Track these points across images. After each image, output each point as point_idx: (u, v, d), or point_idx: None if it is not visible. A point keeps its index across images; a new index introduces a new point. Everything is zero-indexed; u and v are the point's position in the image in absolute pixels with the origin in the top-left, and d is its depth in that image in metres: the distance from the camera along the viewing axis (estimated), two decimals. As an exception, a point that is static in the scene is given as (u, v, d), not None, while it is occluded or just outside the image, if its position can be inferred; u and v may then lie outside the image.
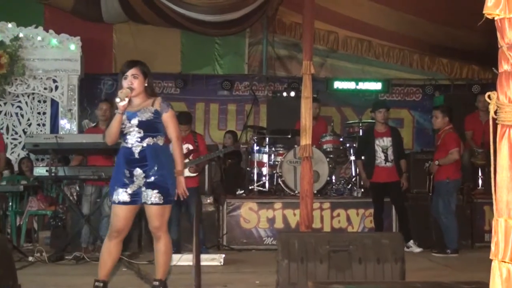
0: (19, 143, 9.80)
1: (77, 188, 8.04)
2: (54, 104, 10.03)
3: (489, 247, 2.14)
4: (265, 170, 8.71)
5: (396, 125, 10.36)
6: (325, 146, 8.69)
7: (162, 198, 4.37)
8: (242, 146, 8.37)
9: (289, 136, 8.86)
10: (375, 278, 4.16)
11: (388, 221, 8.11)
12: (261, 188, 8.63)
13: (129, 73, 4.44)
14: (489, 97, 2.15)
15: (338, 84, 11.69)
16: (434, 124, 7.85)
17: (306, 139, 5.94)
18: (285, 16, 12.01)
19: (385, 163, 7.84)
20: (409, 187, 8.28)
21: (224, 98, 11.89)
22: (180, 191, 4.47)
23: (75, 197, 7.96)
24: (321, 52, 11.81)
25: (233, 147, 8.29)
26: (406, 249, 6.77)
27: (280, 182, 8.47)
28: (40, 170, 6.88)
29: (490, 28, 2.18)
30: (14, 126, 10.00)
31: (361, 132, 9.00)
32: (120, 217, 4.40)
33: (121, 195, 4.37)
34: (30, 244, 8.17)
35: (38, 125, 10.07)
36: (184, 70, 11.82)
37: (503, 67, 2.11)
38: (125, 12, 10.83)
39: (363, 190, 8.46)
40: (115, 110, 4.36)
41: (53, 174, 6.66)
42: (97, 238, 7.01)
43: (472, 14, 2.98)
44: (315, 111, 8.97)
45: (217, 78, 11.89)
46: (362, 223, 8.23)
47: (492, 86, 2.17)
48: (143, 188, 4.37)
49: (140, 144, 4.38)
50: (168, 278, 4.78)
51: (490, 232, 6.86)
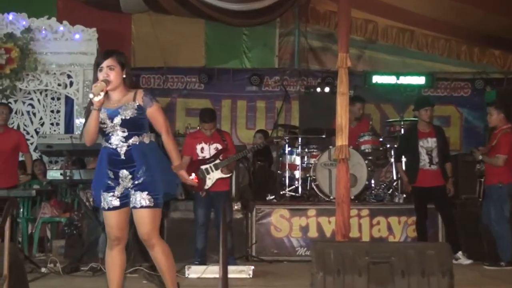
0: (31, 144, 9.87)
1: (94, 193, 8.12)
2: (69, 102, 10.13)
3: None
4: (298, 174, 8.70)
5: (442, 124, 10.29)
6: (363, 147, 8.65)
7: (153, 201, 4.33)
8: (275, 140, 8.35)
9: (324, 136, 8.84)
10: (420, 293, 4.13)
11: (434, 230, 8.05)
12: (293, 193, 8.62)
13: (105, 64, 4.36)
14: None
15: (377, 79, 11.64)
16: (489, 122, 7.80)
17: (342, 139, 5.92)
18: (319, 4, 11.98)
19: (430, 166, 7.79)
20: (457, 193, 8.20)
21: (253, 95, 11.91)
22: (189, 183, 4.45)
23: (92, 203, 8.04)
24: (359, 43, 11.75)
25: (265, 142, 8.30)
26: (454, 261, 6.70)
27: (314, 187, 8.46)
28: (54, 174, 6.96)
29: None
30: (26, 126, 10.11)
31: (403, 131, 8.93)
32: (114, 224, 4.41)
33: (110, 200, 4.38)
34: (43, 254, 8.26)
35: (52, 125, 10.19)
36: (209, 64, 11.86)
37: None
38: (145, 1, 10.91)
39: (406, 196, 8.40)
40: (91, 107, 4.29)
41: (68, 178, 6.75)
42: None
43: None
44: (358, 112, 8.98)
45: (245, 73, 11.91)
46: (405, 232, 8.17)
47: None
48: (132, 191, 4.35)
49: (125, 144, 4.36)
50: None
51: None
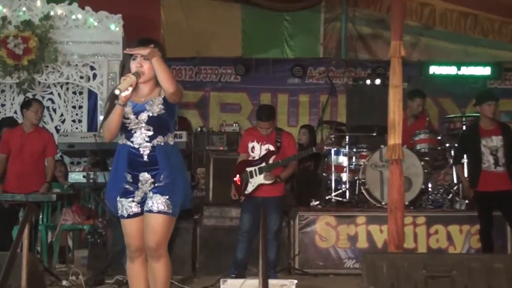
0: (55, 144, 10.01)
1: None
2: (92, 96, 10.24)
3: None
4: (345, 176, 8.67)
5: (510, 120, 10.13)
6: (419, 146, 8.57)
7: (171, 207, 4.33)
8: (327, 148, 7.94)
9: (374, 134, 8.80)
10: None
11: (501, 241, 7.95)
12: (340, 198, 8.59)
13: (129, 52, 4.36)
14: None
15: (435, 69, 11.55)
16: None
17: (395, 138, 5.88)
18: (369, -14, 11.96)
19: (495, 168, 7.66)
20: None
21: (295, 88, 11.91)
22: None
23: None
24: (414, 30, 11.67)
25: (315, 149, 7.77)
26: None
27: (364, 191, 8.42)
28: (76, 176, 7.06)
29: None
30: (45, 123, 10.20)
31: (464, 129, 8.82)
32: (135, 233, 4.41)
33: (129, 207, 4.39)
34: (64, 265, 8.35)
35: (73, 122, 10.32)
36: (246, 54, 11.90)
37: None
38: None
39: (468, 202, 8.30)
40: (115, 101, 4.27)
41: (92, 181, 6.82)
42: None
43: None
44: (418, 109, 8.92)
45: (286, 63, 11.92)
46: (467, 243, 8.08)
47: None
48: (150, 194, 4.35)
49: (149, 144, 4.36)
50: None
51: None
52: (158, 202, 4.31)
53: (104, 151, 7.03)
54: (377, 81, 10.85)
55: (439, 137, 8.84)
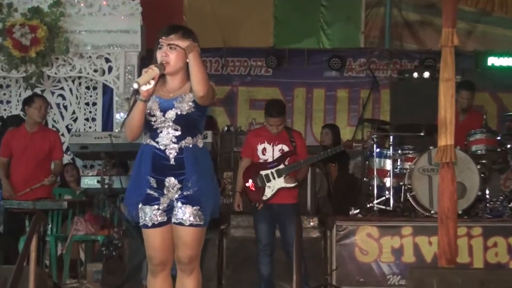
0: (62, 144, 10.07)
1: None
2: (107, 92, 10.26)
3: None
4: (389, 182, 8.60)
5: None
6: (475, 148, 8.49)
7: (203, 218, 4.34)
8: (355, 145, 8.19)
9: (422, 134, 8.73)
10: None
11: None
12: (383, 207, 8.53)
13: (165, 42, 4.30)
14: None
15: (494, 60, 11.50)
16: None
17: (447, 138, 5.87)
18: (417, -34, 11.93)
19: (562, 172, 7.60)
20: None
21: (332, 81, 11.92)
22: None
23: (131, 217, 8.14)
24: (469, 16, 11.59)
25: (342, 147, 8.06)
26: None
27: (410, 198, 8.36)
28: (90, 181, 7.09)
29: None
30: (55, 122, 10.28)
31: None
32: (159, 245, 4.41)
33: (154, 215, 4.37)
34: (75, 281, 8.38)
35: (87, 120, 10.35)
36: (278, 44, 11.93)
37: None
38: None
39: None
40: (136, 96, 4.24)
41: (107, 186, 6.84)
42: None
43: None
44: (465, 103, 8.83)
45: (323, 54, 11.94)
46: (530, 257, 8.01)
47: None
48: (178, 204, 4.34)
49: (176, 146, 4.33)
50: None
51: None
52: (189, 214, 4.31)
53: (121, 153, 7.06)
54: (426, 74, 10.81)
55: (499, 137, 8.73)
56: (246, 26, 11.84)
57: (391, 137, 8.76)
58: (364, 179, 8.85)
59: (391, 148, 8.64)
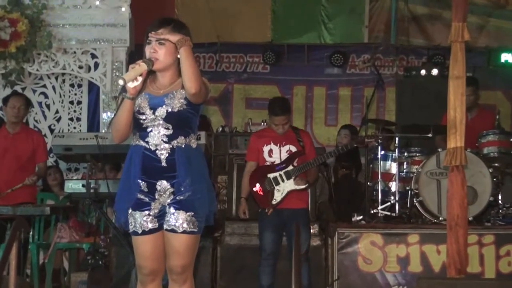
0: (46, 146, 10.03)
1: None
2: (93, 90, 10.28)
3: None
4: (394, 186, 8.61)
5: None
6: (487, 150, 8.50)
7: (197, 224, 4.33)
8: (368, 141, 8.12)
9: (430, 135, 8.73)
10: None
11: None
12: (388, 213, 8.53)
13: (155, 37, 4.29)
14: None
15: (507, 57, 11.50)
16: None
17: (457, 140, 5.86)
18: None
19: None
20: None
21: (334, 79, 11.94)
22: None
23: (122, 225, 8.14)
24: (481, 9, 11.63)
25: (354, 143, 8.11)
26: None
27: (417, 204, 8.36)
28: (74, 185, 7.09)
29: None
30: (37, 122, 10.28)
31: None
32: (150, 254, 4.40)
33: (144, 221, 4.36)
34: (59, 291, 8.43)
35: (71, 120, 10.35)
36: (277, 39, 11.94)
37: None
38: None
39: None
40: (123, 94, 4.22)
41: (92, 191, 6.83)
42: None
43: None
44: (468, 99, 8.84)
45: (324, 50, 11.95)
46: (547, 267, 8.03)
47: None
48: (170, 209, 4.33)
49: (168, 146, 4.32)
50: None
51: None
52: (182, 220, 4.30)
53: (108, 155, 7.05)
54: (434, 72, 10.84)
55: (512, 139, 8.78)
56: (242, 20, 11.86)
57: (397, 139, 8.77)
58: (368, 184, 8.84)
59: (397, 150, 8.64)
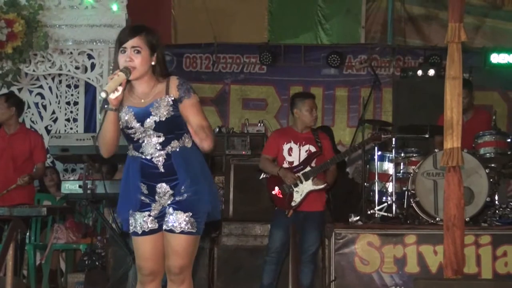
0: (44, 147, 10.00)
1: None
2: (90, 90, 10.21)
3: None
4: (391, 186, 8.62)
5: None
6: (483, 151, 8.50)
7: (196, 225, 4.35)
8: (384, 137, 8.13)
9: (427, 136, 8.75)
10: None
11: None
12: (385, 213, 8.54)
13: (129, 45, 4.31)
14: None
15: (503, 58, 11.49)
16: None
17: (453, 140, 5.87)
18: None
19: None
20: None
21: (331, 80, 11.94)
22: None
23: (120, 225, 8.12)
24: (477, 10, 11.64)
25: (370, 140, 8.12)
26: None
27: (414, 204, 8.36)
28: (71, 186, 7.06)
29: None
30: (34, 122, 10.24)
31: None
32: (150, 254, 4.44)
33: (144, 222, 4.40)
34: (56, 292, 8.42)
35: (68, 121, 10.30)
36: (273, 39, 11.94)
37: None
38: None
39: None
40: (106, 106, 4.20)
41: (89, 191, 6.82)
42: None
43: None
44: (462, 101, 8.84)
45: (321, 50, 11.95)
46: (543, 267, 8.03)
47: None
48: (170, 210, 4.35)
49: (163, 152, 4.35)
50: None
51: None
52: (181, 221, 4.32)
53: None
54: (431, 72, 10.83)
55: (509, 139, 8.76)
56: (239, 20, 11.85)
57: (394, 139, 8.77)
58: (365, 184, 8.84)
59: (394, 151, 8.64)
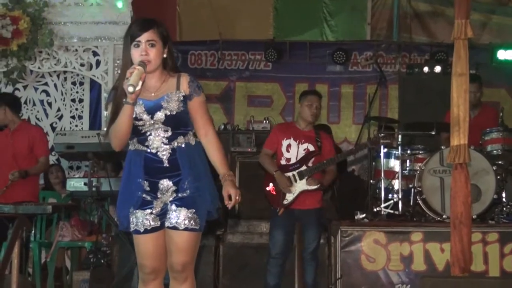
0: (46, 140, 9.98)
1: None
2: (95, 87, 10.24)
3: None
4: (397, 184, 8.60)
5: None
6: (491, 148, 8.49)
7: (199, 222, 4.35)
8: (383, 142, 8.13)
9: (433, 133, 8.73)
10: None
11: None
12: (391, 211, 8.52)
13: (143, 39, 4.29)
14: None
15: (510, 54, 11.44)
16: None
17: (460, 137, 5.86)
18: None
19: None
20: None
21: (336, 76, 11.92)
22: (233, 200, 4.34)
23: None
24: (483, 6, 11.62)
25: (369, 144, 8.10)
26: None
27: (420, 202, 8.35)
28: (76, 183, 7.07)
29: None
30: (39, 119, 10.25)
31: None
32: (151, 252, 4.43)
33: (146, 220, 4.39)
34: (61, 290, 8.41)
35: (73, 118, 10.31)
36: (279, 36, 11.93)
37: None
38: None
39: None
40: (124, 100, 4.22)
41: (94, 189, 6.82)
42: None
43: None
44: (474, 97, 8.83)
45: (327, 47, 11.94)
46: (552, 265, 8.01)
47: None
48: (172, 206, 4.36)
49: (168, 147, 4.37)
50: None
51: None
52: (184, 217, 4.33)
53: (110, 153, 7.01)
54: (437, 69, 10.82)
55: (517, 136, 8.76)
56: (244, 17, 11.84)
57: (400, 136, 8.75)
58: (371, 181, 8.83)
59: (400, 148, 8.63)
